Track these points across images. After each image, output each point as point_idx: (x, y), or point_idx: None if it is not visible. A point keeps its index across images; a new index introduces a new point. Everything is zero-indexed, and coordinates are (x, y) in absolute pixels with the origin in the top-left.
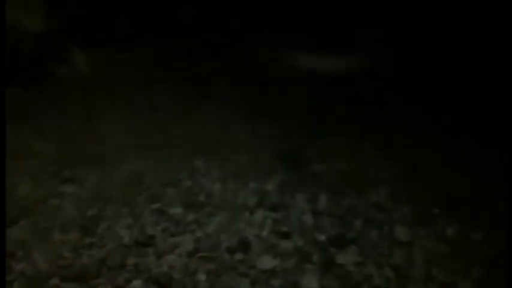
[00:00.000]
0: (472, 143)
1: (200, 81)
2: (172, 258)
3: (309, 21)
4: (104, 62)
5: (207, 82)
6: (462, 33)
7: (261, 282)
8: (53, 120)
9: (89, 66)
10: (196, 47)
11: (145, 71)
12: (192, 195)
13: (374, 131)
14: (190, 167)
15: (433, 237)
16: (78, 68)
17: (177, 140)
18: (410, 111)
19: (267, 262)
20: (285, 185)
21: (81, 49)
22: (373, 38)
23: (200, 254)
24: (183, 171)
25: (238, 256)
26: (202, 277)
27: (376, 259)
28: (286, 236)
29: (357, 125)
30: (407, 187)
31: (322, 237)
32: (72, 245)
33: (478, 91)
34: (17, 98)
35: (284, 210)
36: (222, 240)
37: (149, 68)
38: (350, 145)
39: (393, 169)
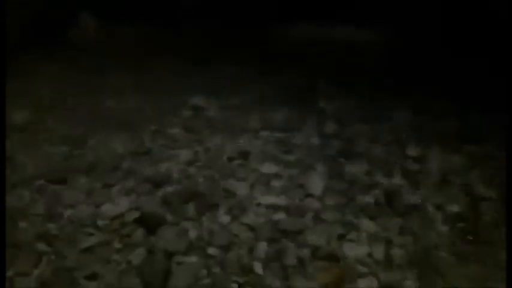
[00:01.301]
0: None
1: (212, 49)
2: (169, 165)
3: None
4: (116, 30)
5: (219, 45)
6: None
7: (262, 183)
8: (60, 76)
9: (99, 32)
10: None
11: (157, 39)
12: (194, 120)
13: (383, 86)
14: (193, 102)
15: (447, 152)
16: (88, 34)
17: (178, 82)
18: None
19: (269, 168)
20: (292, 115)
21: (92, 16)
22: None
23: (198, 164)
24: (184, 104)
25: (238, 164)
26: (200, 179)
27: (387, 168)
28: (290, 151)
29: (367, 82)
30: (418, 121)
31: (329, 152)
32: (62, 155)
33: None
34: (27, 58)
35: (290, 132)
36: (222, 153)
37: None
38: (360, 94)
39: (403, 109)
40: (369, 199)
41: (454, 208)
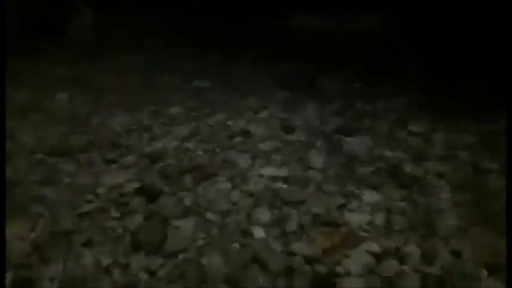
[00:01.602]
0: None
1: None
2: (166, 140)
3: None
4: (116, 25)
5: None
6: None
7: (262, 157)
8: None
9: (99, 28)
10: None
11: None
12: (194, 100)
13: (382, 73)
14: (192, 87)
15: (452, 129)
16: (86, 29)
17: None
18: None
19: (270, 144)
20: (294, 97)
21: (92, 10)
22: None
23: (198, 137)
24: (184, 89)
25: (239, 140)
26: (199, 152)
27: (389, 144)
28: (291, 129)
29: (366, 69)
30: (420, 102)
31: (330, 128)
32: (61, 133)
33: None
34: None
35: (292, 111)
36: (222, 129)
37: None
38: (360, 78)
39: (404, 91)
40: (370, 170)
41: (458, 179)
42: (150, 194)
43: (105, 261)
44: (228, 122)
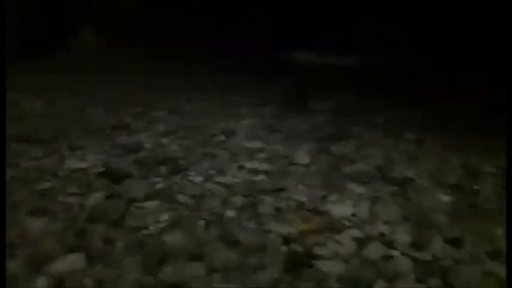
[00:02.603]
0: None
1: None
2: (144, 135)
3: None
4: (116, 44)
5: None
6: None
7: (244, 155)
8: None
9: (100, 46)
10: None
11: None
12: (179, 106)
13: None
14: (182, 97)
15: (444, 136)
16: (86, 46)
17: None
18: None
19: (253, 143)
20: (284, 110)
21: (94, 27)
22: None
23: (176, 135)
24: (174, 97)
25: (221, 138)
26: (174, 148)
27: (382, 147)
28: (278, 132)
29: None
30: (410, 115)
31: (319, 134)
32: (33, 124)
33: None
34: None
35: (280, 119)
36: (204, 129)
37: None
38: (354, 99)
39: (394, 106)
40: (358, 168)
41: (451, 180)
42: (115, 177)
43: (55, 227)
44: (212, 124)
